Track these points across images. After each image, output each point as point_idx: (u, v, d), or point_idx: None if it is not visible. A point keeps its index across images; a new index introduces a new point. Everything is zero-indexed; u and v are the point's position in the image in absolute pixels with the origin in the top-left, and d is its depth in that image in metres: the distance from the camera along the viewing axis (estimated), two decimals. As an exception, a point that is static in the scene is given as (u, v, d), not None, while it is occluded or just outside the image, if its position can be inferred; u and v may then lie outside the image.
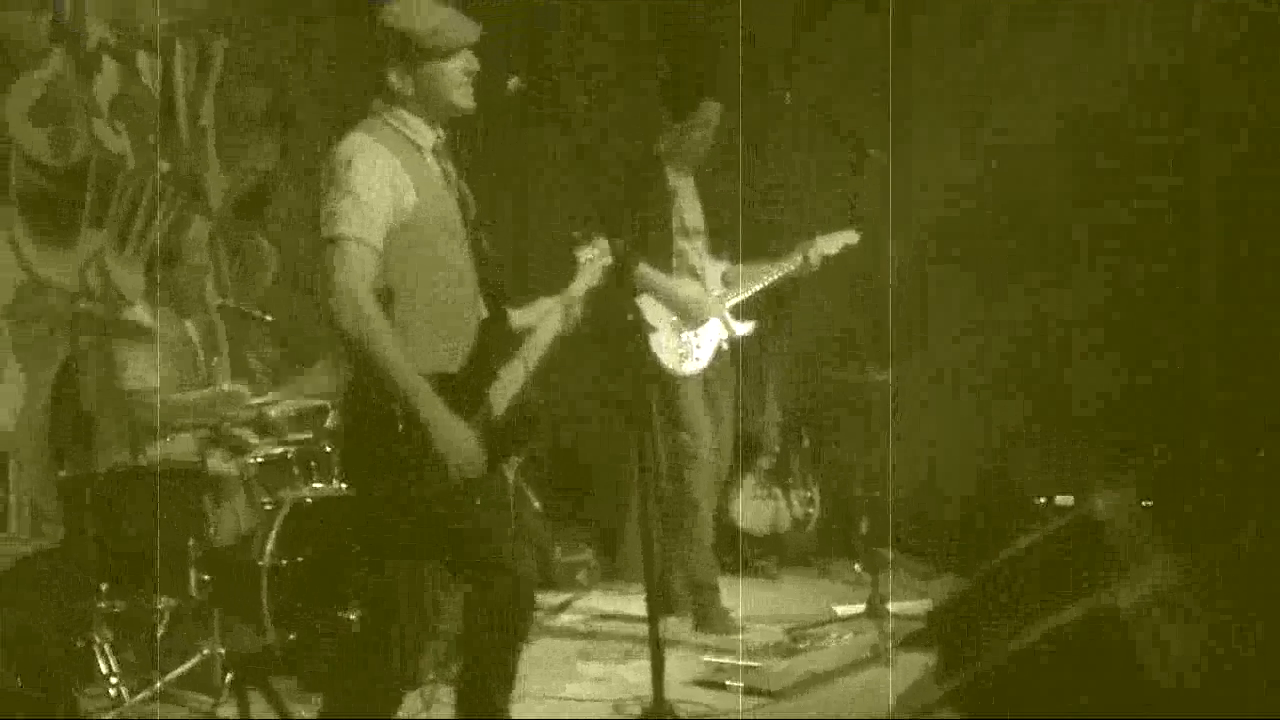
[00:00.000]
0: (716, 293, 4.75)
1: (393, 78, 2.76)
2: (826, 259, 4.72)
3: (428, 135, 2.83)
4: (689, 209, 4.76)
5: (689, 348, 4.62)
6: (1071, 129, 5.28)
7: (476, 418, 2.77)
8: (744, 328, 4.78)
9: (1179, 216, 5.02)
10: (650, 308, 4.56)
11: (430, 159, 2.83)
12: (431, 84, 2.76)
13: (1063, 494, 5.00)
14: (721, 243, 4.85)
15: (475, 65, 2.78)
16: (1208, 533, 2.81)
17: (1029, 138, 5.36)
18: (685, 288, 4.67)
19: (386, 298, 2.68)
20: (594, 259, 3.28)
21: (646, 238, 4.61)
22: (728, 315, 4.72)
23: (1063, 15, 5.40)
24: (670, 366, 4.58)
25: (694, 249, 4.75)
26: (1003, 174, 5.49)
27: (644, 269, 4.54)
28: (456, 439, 2.66)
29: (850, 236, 4.77)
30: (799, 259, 4.71)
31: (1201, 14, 4.92)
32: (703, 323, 4.66)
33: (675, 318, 4.61)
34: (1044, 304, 5.47)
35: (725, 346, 4.74)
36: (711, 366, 4.70)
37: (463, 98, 2.79)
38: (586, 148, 5.53)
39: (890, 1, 5.41)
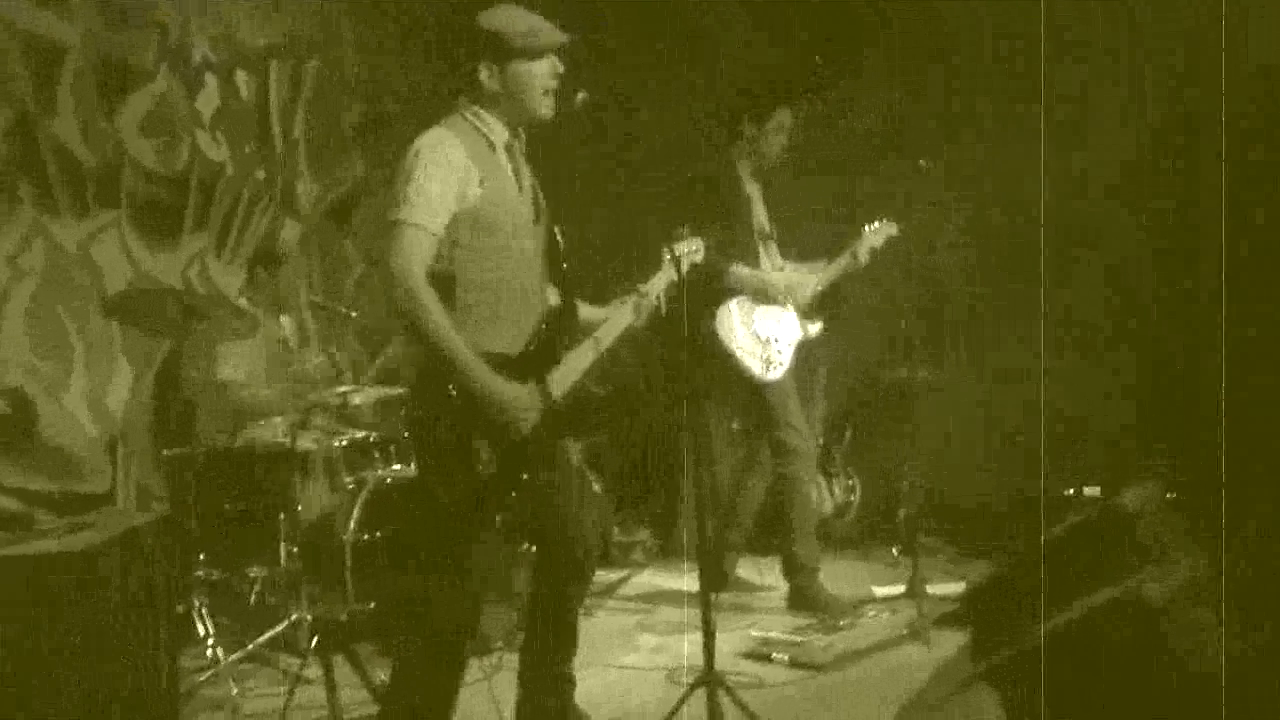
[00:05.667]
0: (813, 281, 4.62)
1: (483, 74, 2.73)
2: (874, 252, 4.58)
3: (501, 133, 2.79)
4: (760, 214, 4.67)
5: (773, 356, 4.50)
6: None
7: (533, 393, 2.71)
8: (815, 327, 4.68)
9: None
10: (735, 319, 4.47)
11: (502, 155, 2.78)
12: (519, 83, 2.73)
13: (1090, 486, 4.91)
14: (788, 249, 4.74)
15: (560, 69, 2.76)
16: (1229, 525, 2.74)
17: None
18: (778, 276, 4.60)
19: (448, 281, 2.65)
20: (682, 255, 3.15)
21: (733, 241, 4.49)
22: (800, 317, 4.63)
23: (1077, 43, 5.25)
24: (758, 375, 4.47)
25: (766, 252, 4.65)
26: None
27: (736, 268, 4.47)
28: (505, 396, 2.61)
29: (890, 228, 4.61)
30: (849, 256, 4.58)
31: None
32: (793, 306, 4.57)
33: (758, 328, 4.51)
34: (1077, 304, 5.36)
35: (810, 334, 4.63)
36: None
37: (545, 105, 2.76)
38: (660, 158, 5.48)
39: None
